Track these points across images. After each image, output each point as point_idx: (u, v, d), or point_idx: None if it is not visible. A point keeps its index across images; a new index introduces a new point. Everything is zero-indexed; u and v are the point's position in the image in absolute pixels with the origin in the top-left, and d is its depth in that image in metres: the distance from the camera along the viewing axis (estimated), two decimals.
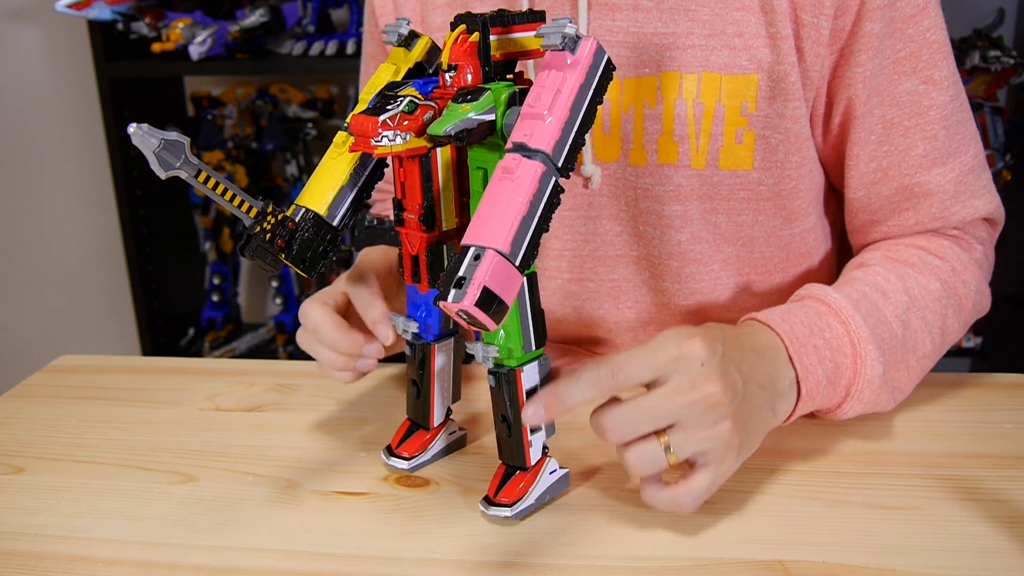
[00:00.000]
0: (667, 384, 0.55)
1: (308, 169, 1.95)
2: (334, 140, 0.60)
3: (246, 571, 0.56)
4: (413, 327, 0.62)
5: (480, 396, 0.76)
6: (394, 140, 0.53)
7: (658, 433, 0.55)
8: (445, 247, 0.59)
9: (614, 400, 0.56)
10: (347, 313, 0.67)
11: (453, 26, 0.56)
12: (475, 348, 0.57)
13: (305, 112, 1.92)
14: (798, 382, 0.62)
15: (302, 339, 0.68)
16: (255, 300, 2.21)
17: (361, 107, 0.59)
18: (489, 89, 0.54)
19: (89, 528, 0.61)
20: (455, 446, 0.68)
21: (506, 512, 0.58)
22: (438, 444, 0.66)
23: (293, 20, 1.76)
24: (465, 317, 0.48)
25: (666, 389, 0.55)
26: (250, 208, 0.55)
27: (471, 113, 0.52)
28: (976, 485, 0.62)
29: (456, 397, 0.66)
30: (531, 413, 0.56)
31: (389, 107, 0.54)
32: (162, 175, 0.51)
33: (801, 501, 0.61)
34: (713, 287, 0.80)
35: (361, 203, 0.60)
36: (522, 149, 0.51)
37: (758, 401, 0.59)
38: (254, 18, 1.69)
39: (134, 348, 2.06)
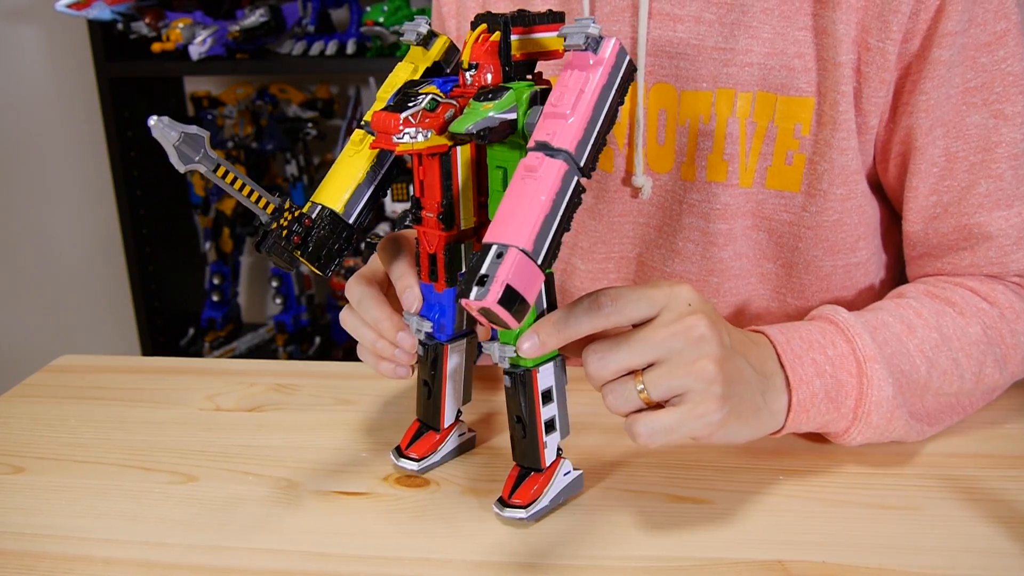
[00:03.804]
0: (653, 320, 0.54)
1: (308, 169, 1.95)
2: (351, 138, 0.60)
3: (246, 571, 0.56)
4: (427, 327, 0.61)
5: (489, 398, 0.76)
6: (416, 137, 0.53)
7: (637, 373, 0.54)
8: (463, 246, 0.59)
9: (602, 337, 0.55)
10: (388, 292, 0.65)
11: (474, 25, 0.56)
12: (492, 348, 0.57)
13: (305, 112, 1.92)
14: (789, 388, 0.60)
15: (345, 318, 0.65)
16: (255, 300, 2.21)
17: (379, 104, 0.59)
18: (511, 88, 0.54)
19: (89, 528, 0.61)
20: (465, 447, 0.67)
21: (520, 514, 0.58)
22: (448, 445, 0.66)
23: (293, 20, 1.76)
24: (486, 315, 0.48)
25: (651, 324, 0.54)
26: (267, 204, 0.55)
27: (493, 112, 0.52)
28: (976, 485, 0.62)
29: (467, 398, 0.66)
30: (528, 346, 0.54)
31: (411, 104, 0.54)
32: (181, 168, 0.51)
33: (801, 501, 0.61)
34: (750, 300, 0.79)
35: (377, 201, 0.60)
36: (545, 148, 0.50)
37: (747, 375, 0.57)
38: (254, 18, 1.69)
39: (134, 348, 2.06)
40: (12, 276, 2.26)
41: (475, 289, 0.47)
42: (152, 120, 0.49)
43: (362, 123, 0.59)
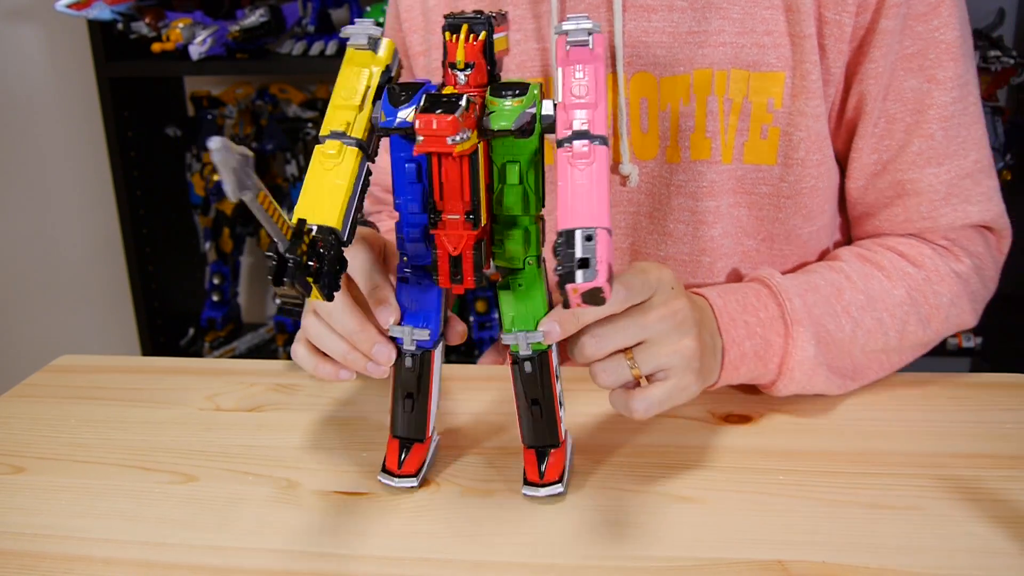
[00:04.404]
0: (644, 304, 0.60)
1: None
2: (321, 150, 0.56)
3: (246, 571, 0.56)
4: (422, 335, 0.60)
5: (455, 401, 0.76)
6: (465, 138, 0.52)
7: (627, 351, 0.60)
8: (483, 243, 0.58)
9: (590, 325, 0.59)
10: (351, 288, 0.63)
11: (452, 27, 0.56)
12: (516, 338, 0.59)
13: (305, 112, 1.92)
14: (724, 349, 0.67)
15: (311, 327, 0.63)
16: (255, 300, 2.21)
17: (345, 112, 0.57)
18: (529, 84, 0.56)
19: (89, 528, 0.61)
20: (436, 450, 0.68)
21: (559, 488, 0.61)
22: (430, 450, 0.66)
23: (293, 20, 1.76)
24: (589, 295, 0.49)
25: (643, 307, 0.60)
26: (288, 229, 0.50)
27: (525, 107, 0.54)
28: (976, 485, 0.62)
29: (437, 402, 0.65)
30: (547, 329, 0.58)
31: (447, 104, 0.52)
32: (234, 196, 0.44)
33: (801, 501, 0.61)
34: (739, 278, 0.80)
35: (359, 213, 0.58)
36: (586, 136, 0.53)
37: (707, 343, 0.64)
38: (254, 18, 1.69)
39: (134, 348, 2.06)
40: (12, 276, 2.26)
41: (581, 272, 0.49)
42: (215, 143, 0.42)
43: (329, 134, 0.56)
